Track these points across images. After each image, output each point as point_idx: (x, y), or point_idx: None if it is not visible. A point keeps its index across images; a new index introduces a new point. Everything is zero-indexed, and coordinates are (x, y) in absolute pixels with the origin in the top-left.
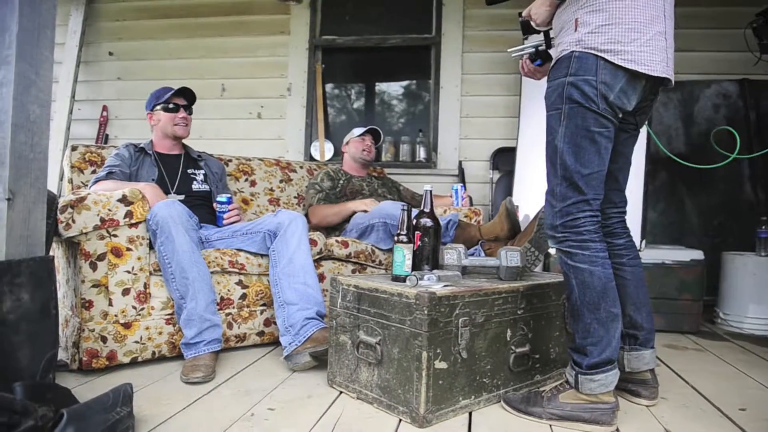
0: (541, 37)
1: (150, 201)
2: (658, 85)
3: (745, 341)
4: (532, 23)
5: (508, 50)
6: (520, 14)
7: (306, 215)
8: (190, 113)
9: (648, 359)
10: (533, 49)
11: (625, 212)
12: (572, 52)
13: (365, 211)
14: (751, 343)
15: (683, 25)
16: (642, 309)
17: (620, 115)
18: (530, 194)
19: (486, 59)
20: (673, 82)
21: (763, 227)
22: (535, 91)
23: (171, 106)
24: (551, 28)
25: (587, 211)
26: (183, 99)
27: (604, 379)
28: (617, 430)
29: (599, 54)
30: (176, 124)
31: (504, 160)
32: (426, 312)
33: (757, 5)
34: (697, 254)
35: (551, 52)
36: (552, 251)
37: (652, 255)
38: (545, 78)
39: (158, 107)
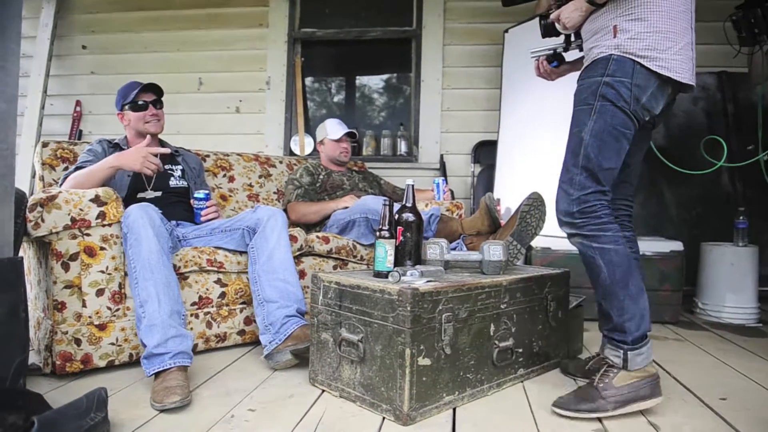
0: (558, 40)
1: (131, 167)
2: (679, 90)
3: (724, 330)
4: (559, 27)
5: (530, 51)
6: (542, 17)
7: (285, 211)
8: (161, 107)
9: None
10: (551, 51)
11: (632, 206)
12: (610, 55)
13: (346, 207)
14: (730, 332)
15: None
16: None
17: (647, 118)
18: (512, 187)
19: (467, 52)
20: (693, 90)
21: (741, 218)
22: (517, 85)
23: (140, 103)
24: (572, 33)
25: (603, 200)
26: (151, 94)
27: (647, 351)
28: (600, 421)
29: (636, 59)
30: (147, 122)
31: (485, 153)
32: (409, 308)
33: None
34: (677, 245)
35: (570, 54)
36: (534, 244)
37: None
38: (532, 79)
39: (126, 107)
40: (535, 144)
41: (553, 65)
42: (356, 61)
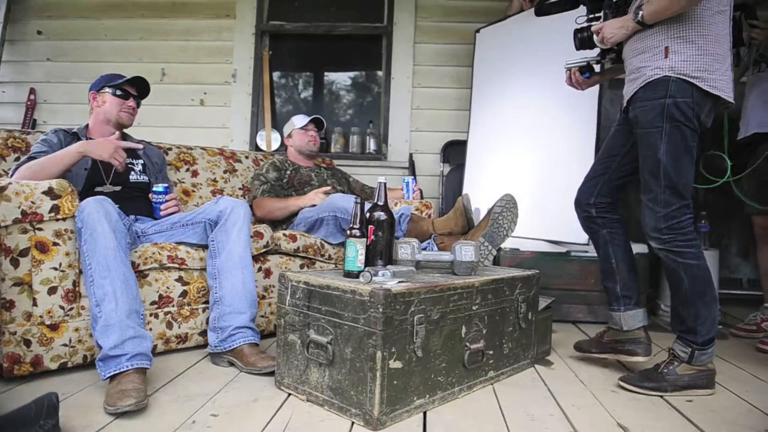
0: (593, 53)
1: (100, 156)
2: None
3: None
4: (597, 40)
5: (567, 62)
6: (578, 30)
7: (251, 207)
8: (138, 105)
9: (642, 317)
10: (585, 63)
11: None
12: (666, 76)
13: (314, 205)
14: None
15: None
16: (633, 272)
17: (703, 131)
18: (481, 188)
19: (438, 51)
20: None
21: (703, 222)
22: (487, 85)
23: (120, 92)
24: (609, 47)
25: (688, 213)
26: (134, 90)
27: (712, 351)
28: (571, 423)
29: (691, 80)
30: (123, 111)
31: (454, 153)
32: (381, 310)
33: None
34: (641, 248)
35: (597, 67)
36: (504, 245)
37: None
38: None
39: (107, 89)
40: (506, 145)
41: (586, 76)
42: (325, 57)
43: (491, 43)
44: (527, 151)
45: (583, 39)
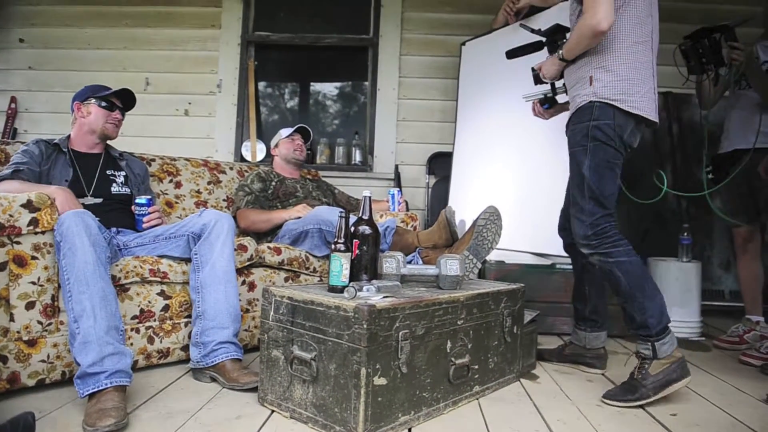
0: (547, 86)
1: (60, 208)
2: (647, 126)
3: None
4: (542, 76)
5: (522, 96)
6: (533, 68)
7: (235, 218)
8: (123, 117)
9: (603, 338)
10: (543, 96)
11: None
12: (591, 102)
13: (298, 218)
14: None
15: None
16: (603, 299)
17: (628, 150)
18: (467, 200)
19: (424, 63)
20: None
21: (685, 234)
22: (473, 98)
23: (106, 103)
24: (555, 81)
25: (611, 221)
26: (120, 101)
27: (671, 338)
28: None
29: (612, 103)
30: (108, 123)
31: (440, 164)
32: (365, 326)
33: (678, 21)
34: None
35: (560, 98)
36: (489, 258)
37: None
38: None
39: (93, 100)
40: (491, 157)
41: (545, 107)
42: (311, 67)
43: (477, 56)
44: (512, 163)
45: (535, 76)
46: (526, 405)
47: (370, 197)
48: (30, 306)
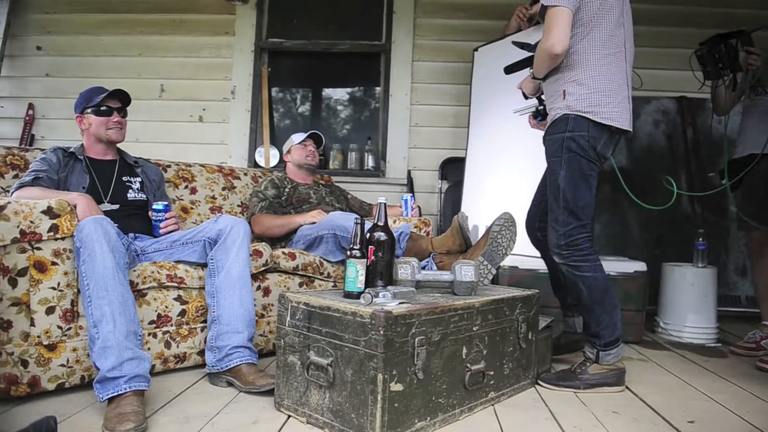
0: (535, 101)
1: (80, 215)
2: (622, 135)
3: (685, 350)
4: (525, 94)
5: (514, 111)
6: (519, 84)
7: (249, 224)
8: (125, 116)
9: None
10: (534, 110)
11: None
12: (566, 114)
13: (313, 223)
14: (691, 352)
15: None
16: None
17: (603, 160)
18: (480, 205)
19: (436, 68)
20: (631, 135)
21: (700, 239)
22: (486, 103)
23: (103, 108)
24: (540, 96)
25: (584, 233)
26: (117, 101)
27: (616, 352)
28: None
29: (585, 115)
30: (110, 128)
31: (452, 170)
32: (382, 332)
33: (694, 26)
34: (640, 266)
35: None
36: (502, 264)
37: None
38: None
39: (89, 110)
40: (505, 162)
41: (538, 120)
42: (324, 74)
43: (490, 62)
44: (525, 168)
45: (523, 92)
46: (541, 411)
47: (385, 203)
48: (50, 311)
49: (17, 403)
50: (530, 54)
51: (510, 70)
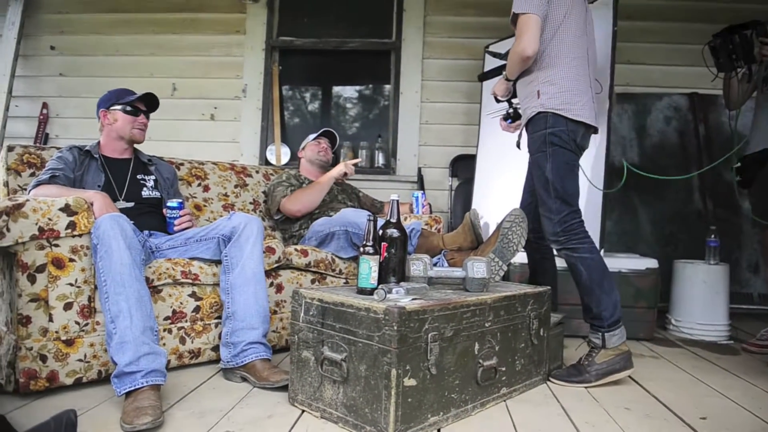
0: (505, 104)
1: (97, 212)
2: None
3: (697, 347)
4: (497, 97)
5: (486, 114)
6: (492, 88)
7: (279, 211)
8: (148, 120)
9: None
10: (505, 113)
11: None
12: (541, 112)
13: (345, 174)
14: (702, 349)
15: (635, 39)
16: (554, 290)
17: (581, 152)
18: (490, 202)
19: (446, 66)
20: (598, 132)
21: (712, 236)
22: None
23: (130, 109)
24: (511, 99)
25: (577, 218)
26: (144, 105)
27: (620, 332)
28: None
29: (559, 112)
30: (135, 128)
31: (463, 167)
32: (396, 328)
33: (706, 22)
34: (652, 263)
35: (521, 113)
36: (513, 260)
37: (609, 264)
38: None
39: (117, 107)
40: (515, 160)
41: (509, 122)
42: (334, 72)
43: (501, 59)
44: None
45: (494, 95)
46: (553, 407)
47: (398, 200)
48: (68, 307)
49: (36, 397)
50: (503, 63)
51: (484, 77)
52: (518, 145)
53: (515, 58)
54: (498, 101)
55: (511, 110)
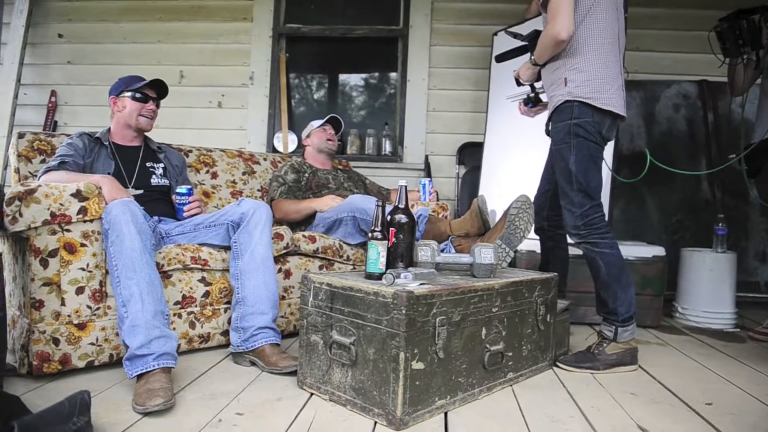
0: (527, 88)
1: (107, 196)
2: (620, 121)
3: (703, 335)
4: (520, 80)
5: (506, 97)
6: (514, 71)
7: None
8: (158, 107)
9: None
10: (525, 97)
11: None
12: (568, 101)
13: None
14: (709, 337)
15: (643, 26)
16: (564, 278)
17: (606, 143)
18: (497, 189)
19: (454, 53)
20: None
21: (720, 224)
22: (505, 87)
23: (140, 95)
24: (534, 83)
25: (599, 211)
26: (154, 92)
27: (632, 329)
28: (591, 426)
29: (586, 101)
30: (142, 115)
31: (470, 155)
32: (404, 312)
33: (715, 8)
34: (659, 250)
35: (544, 97)
36: (520, 247)
37: None
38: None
39: (126, 94)
40: (523, 147)
41: (529, 106)
42: (341, 59)
43: (509, 46)
44: (543, 152)
45: (516, 79)
46: (559, 392)
47: (406, 186)
48: (80, 291)
49: (49, 379)
50: (522, 43)
51: (502, 58)
52: (547, 133)
53: (548, 41)
54: (520, 85)
55: (532, 94)
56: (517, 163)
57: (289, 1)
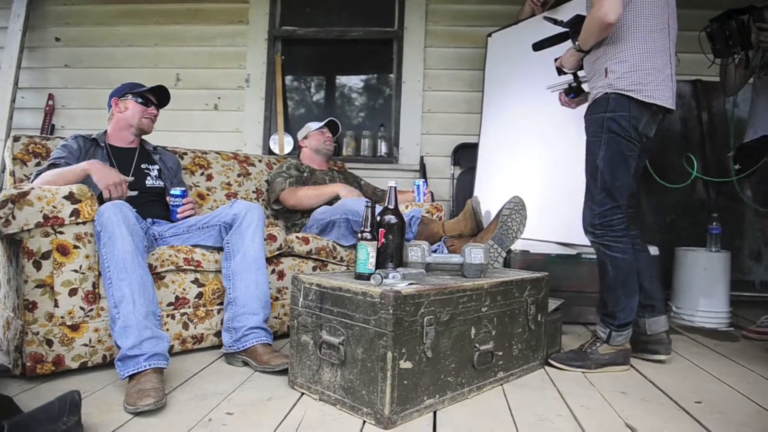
0: (569, 77)
1: (101, 182)
2: (666, 113)
3: (697, 334)
4: (563, 68)
5: (547, 87)
6: (556, 59)
7: (278, 200)
8: (158, 113)
9: (663, 322)
10: (567, 86)
11: (632, 209)
12: (607, 93)
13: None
14: (703, 336)
15: None
16: (654, 283)
17: (644, 140)
18: (492, 190)
19: (449, 54)
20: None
21: (714, 223)
22: (499, 89)
23: (142, 99)
24: (576, 72)
25: (619, 214)
26: (155, 98)
27: (627, 334)
28: (579, 425)
29: (627, 93)
30: (145, 117)
31: (465, 156)
32: (391, 311)
33: (710, 8)
34: (653, 250)
35: (586, 87)
36: (514, 247)
37: None
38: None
39: (130, 96)
40: (517, 147)
41: (571, 97)
42: (337, 61)
43: (503, 47)
44: (538, 153)
45: (558, 67)
46: (550, 391)
47: (395, 187)
48: (73, 293)
49: (43, 380)
50: (562, 30)
51: (539, 46)
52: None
53: (594, 24)
54: (561, 74)
55: (575, 84)
56: (511, 164)
57: (284, 3)
